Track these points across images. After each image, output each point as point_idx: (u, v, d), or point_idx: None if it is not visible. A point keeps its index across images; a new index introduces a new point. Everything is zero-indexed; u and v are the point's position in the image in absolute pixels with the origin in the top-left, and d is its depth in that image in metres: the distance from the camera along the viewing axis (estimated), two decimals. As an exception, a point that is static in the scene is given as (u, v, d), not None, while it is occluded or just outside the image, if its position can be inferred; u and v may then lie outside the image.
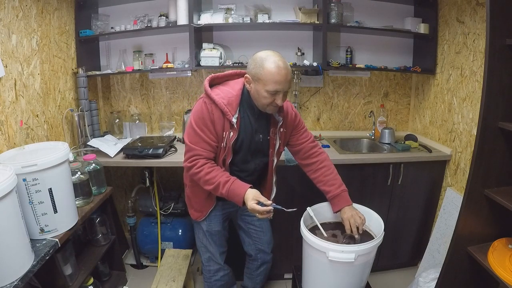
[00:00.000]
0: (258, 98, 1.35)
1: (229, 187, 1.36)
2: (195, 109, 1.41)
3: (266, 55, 1.31)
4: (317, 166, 1.61)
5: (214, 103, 1.36)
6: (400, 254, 2.33)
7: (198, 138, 1.38)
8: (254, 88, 1.34)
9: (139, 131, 2.48)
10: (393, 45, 2.50)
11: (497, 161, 1.31)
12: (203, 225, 1.63)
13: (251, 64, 1.34)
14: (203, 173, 1.38)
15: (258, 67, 1.30)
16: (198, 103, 1.41)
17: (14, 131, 1.61)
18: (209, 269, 1.70)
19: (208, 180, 1.38)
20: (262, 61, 1.30)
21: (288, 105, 1.54)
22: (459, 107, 2.03)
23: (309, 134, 1.64)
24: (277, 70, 1.28)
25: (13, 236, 1.14)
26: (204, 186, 1.40)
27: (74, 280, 1.61)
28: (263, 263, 1.83)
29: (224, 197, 1.40)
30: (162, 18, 2.20)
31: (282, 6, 2.35)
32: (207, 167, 1.38)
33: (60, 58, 2.05)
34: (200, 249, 1.71)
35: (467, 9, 1.94)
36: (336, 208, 1.58)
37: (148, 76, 2.52)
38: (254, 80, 1.33)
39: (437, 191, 2.21)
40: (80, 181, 1.64)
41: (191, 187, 1.58)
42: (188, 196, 1.63)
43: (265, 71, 1.28)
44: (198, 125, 1.38)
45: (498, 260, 1.26)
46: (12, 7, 1.61)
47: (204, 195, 1.54)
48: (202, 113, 1.37)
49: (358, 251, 1.40)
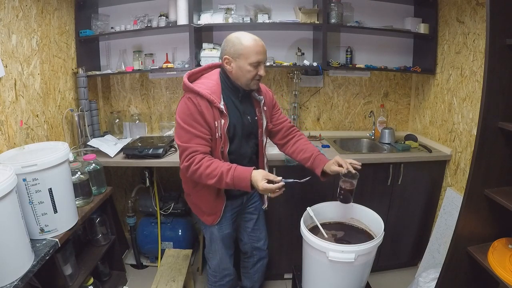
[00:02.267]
0: (242, 74, 1.40)
1: (233, 174, 1.33)
2: (180, 109, 1.41)
3: (239, 34, 1.40)
4: (297, 139, 1.67)
5: (198, 95, 1.36)
6: (400, 254, 2.33)
7: (190, 135, 1.37)
8: (236, 65, 1.39)
9: (139, 131, 2.48)
10: (393, 45, 2.50)
11: (497, 161, 1.31)
12: (215, 230, 1.59)
13: (227, 45, 1.39)
14: (203, 167, 1.35)
15: (237, 44, 1.37)
16: (182, 102, 1.41)
17: (14, 131, 1.61)
18: (216, 274, 1.69)
19: (210, 173, 1.34)
20: (239, 39, 1.38)
21: (263, 86, 1.62)
22: (459, 107, 2.03)
23: (285, 115, 1.72)
24: (255, 42, 1.38)
25: (13, 236, 1.14)
26: (207, 181, 1.36)
27: (74, 280, 1.61)
28: (259, 259, 1.84)
29: (230, 187, 1.37)
30: (162, 18, 2.20)
31: (282, 6, 2.35)
32: (205, 161, 1.36)
33: (60, 58, 2.05)
34: (208, 255, 1.68)
35: (467, 9, 1.94)
36: (322, 164, 1.55)
37: (148, 76, 2.52)
38: (235, 58, 1.38)
39: (437, 191, 2.21)
40: (80, 181, 1.64)
41: (195, 192, 1.55)
42: (195, 203, 1.59)
43: (245, 46, 1.36)
44: (186, 122, 1.37)
45: (498, 260, 1.26)
46: (12, 7, 1.61)
47: (213, 195, 1.51)
48: (189, 109, 1.37)
49: (358, 251, 1.40)
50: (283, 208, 2.08)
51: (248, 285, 1.92)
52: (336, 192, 2.05)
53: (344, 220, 1.77)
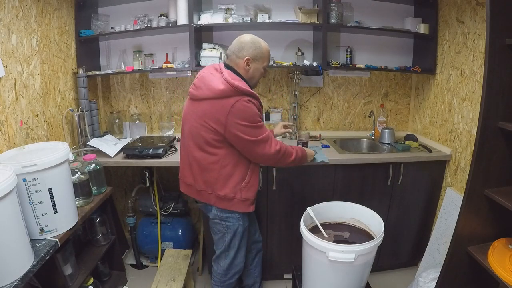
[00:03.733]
0: (256, 75, 1.55)
1: (300, 149, 1.68)
2: (244, 113, 1.42)
3: (253, 38, 1.52)
4: None
5: (253, 95, 1.46)
6: (400, 254, 2.33)
7: (263, 128, 1.49)
8: (254, 67, 1.52)
9: (139, 131, 2.48)
10: (393, 45, 2.50)
11: (497, 161, 1.31)
12: (241, 223, 1.61)
13: (249, 47, 1.49)
14: (285, 146, 1.58)
15: (257, 48, 1.50)
16: (241, 106, 1.41)
17: (14, 131, 1.61)
18: (227, 273, 1.69)
19: (289, 150, 1.60)
20: (259, 43, 1.51)
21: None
22: (459, 107, 2.03)
23: None
24: (268, 47, 1.55)
25: (13, 236, 1.14)
26: (290, 157, 1.61)
27: (74, 280, 1.61)
28: (257, 253, 1.89)
29: (297, 161, 1.65)
30: (162, 18, 2.20)
31: (282, 6, 2.35)
32: (278, 141, 1.56)
33: (60, 58, 2.05)
34: (224, 253, 1.66)
35: (467, 9, 1.94)
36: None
37: (148, 76, 2.52)
38: (255, 60, 1.51)
39: (437, 191, 2.21)
40: (80, 181, 1.64)
41: (248, 185, 1.56)
42: (244, 199, 1.56)
43: (263, 50, 1.52)
44: (256, 120, 1.45)
45: (498, 260, 1.26)
46: (12, 7, 1.61)
47: (258, 180, 1.63)
48: (253, 110, 1.44)
49: (358, 251, 1.40)
50: (283, 208, 2.08)
51: (250, 282, 1.92)
52: (335, 193, 2.06)
53: (344, 220, 1.77)
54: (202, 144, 1.49)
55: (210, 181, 1.53)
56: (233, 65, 1.52)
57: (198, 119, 1.47)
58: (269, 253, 2.16)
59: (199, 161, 1.52)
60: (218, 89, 1.40)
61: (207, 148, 1.48)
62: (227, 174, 1.51)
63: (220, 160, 1.49)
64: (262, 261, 1.95)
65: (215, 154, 1.48)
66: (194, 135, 1.50)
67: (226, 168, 1.50)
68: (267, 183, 2.01)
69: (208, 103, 1.43)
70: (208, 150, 1.48)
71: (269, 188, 2.02)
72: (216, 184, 1.52)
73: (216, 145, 1.47)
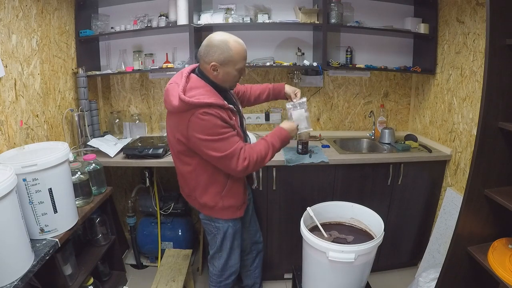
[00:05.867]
0: (228, 79, 1.42)
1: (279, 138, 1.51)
2: (199, 127, 1.32)
3: (223, 37, 1.36)
4: (251, 89, 1.81)
5: (210, 105, 1.32)
6: (400, 254, 2.33)
7: (227, 140, 1.35)
8: (224, 71, 1.38)
9: (139, 131, 2.48)
10: (393, 45, 2.50)
11: (497, 161, 1.31)
12: (231, 226, 1.59)
13: (214, 51, 1.35)
14: (255, 154, 1.42)
15: (224, 52, 1.34)
16: (195, 120, 1.32)
17: (14, 131, 1.61)
18: (222, 273, 1.69)
19: (263, 153, 1.45)
20: (226, 44, 1.34)
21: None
22: (459, 107, 2.03)
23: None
24: (241, 47, 1.38)
25: (13, 236, 1.14)
26: (265, 161, 1.46)
27: (74, 280, 1.61)
28: (258, 253, 1.89)
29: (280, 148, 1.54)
30: (162, 18, 2.20)
31: (282, 6, 2.35)
32: (249, 148, 1.43)
33: (60, 58, 2.05)
34: (217, 254, 1.67)
35: (467, 9, 1.94)
36: (281, 88, 1.79)
37: (148, 76, 2.52)
38: (224, 65, 1.37)
39: (437, 191, 2.21)
40: (80, 181, 1.64)
41: (228, 193, 1.52)
42: (228, 206, 1.54)
43: (234, 52, 1.35)
44: (216, 133, 1.33)
45: (498, 260, 1.26)
46: (12, 7, 1.61)
47: (242, 186, 1.57)
48: (210, 122, 1.32)
49: (358, 251, 1.40)
50: (283, 208, 2.08)
51: (249, 283, 1.92)
52: (335, 193, 2.06)
53: (344, 220, 1.77)
54: (177, 153, 1.49)
55: (190, 188, 1.55)
56: (203, 69, 1.43)
57: (170, 130, 1.47)
58: (269, 253, 2.16)
59: (178, 168, 1.56)
60: (174, 105, 1.33)
61: (182, 158, 1.48)
62: (205, 183, 1.49)
63: (196, 169, 1.47)
64: (262, 262, 1.95)
65: (189, 163, 1.47)
66: (171, 144, 1.51)
67: (202, 177, 1.48)
68: (267, 183, 2.01)
69: (174, 116, 1.40)
70: (183, 159, 1.48)
71: (269, 188, 2.02)
72: (195, 191, 1.53)
73: (189, 155, 1.45)
